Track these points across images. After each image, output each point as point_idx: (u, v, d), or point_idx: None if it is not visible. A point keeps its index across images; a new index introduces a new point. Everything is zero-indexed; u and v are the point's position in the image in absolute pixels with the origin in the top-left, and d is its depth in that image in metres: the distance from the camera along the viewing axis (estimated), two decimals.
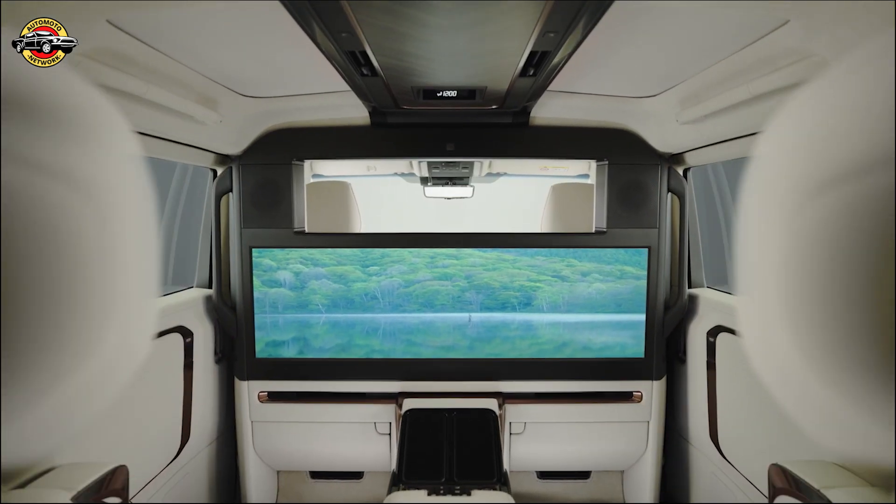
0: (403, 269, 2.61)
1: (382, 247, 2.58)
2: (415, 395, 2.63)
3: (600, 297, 2.58)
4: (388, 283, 2.62)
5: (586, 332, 2.60)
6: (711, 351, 2.39)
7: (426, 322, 2.63)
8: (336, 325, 2.65)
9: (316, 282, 2.63)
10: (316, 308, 2.64)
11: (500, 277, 2.60)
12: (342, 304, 2.64)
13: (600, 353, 2.60)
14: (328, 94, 2.40)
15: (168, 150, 2.14)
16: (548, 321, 2.61)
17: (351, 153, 2.60)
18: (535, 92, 2.03)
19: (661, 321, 2.57)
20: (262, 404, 2.65)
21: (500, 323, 2.62)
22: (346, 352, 2.66)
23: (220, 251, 2.64)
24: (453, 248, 2.60)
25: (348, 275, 2.62)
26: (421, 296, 2.62)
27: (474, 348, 2.63)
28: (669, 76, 2.02)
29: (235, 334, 2.63)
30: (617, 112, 2.46)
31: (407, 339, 2.64)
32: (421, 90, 1.97)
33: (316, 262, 2.62)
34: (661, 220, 2.52)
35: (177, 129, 2.05)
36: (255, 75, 2.08)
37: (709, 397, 2.42)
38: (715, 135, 2.10)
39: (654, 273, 2.53)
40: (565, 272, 2.58)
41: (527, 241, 2.58)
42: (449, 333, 2.63)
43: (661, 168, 2.51)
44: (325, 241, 2.60)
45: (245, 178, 2.54)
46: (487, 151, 2.59)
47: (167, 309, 2.34)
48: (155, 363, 2.24)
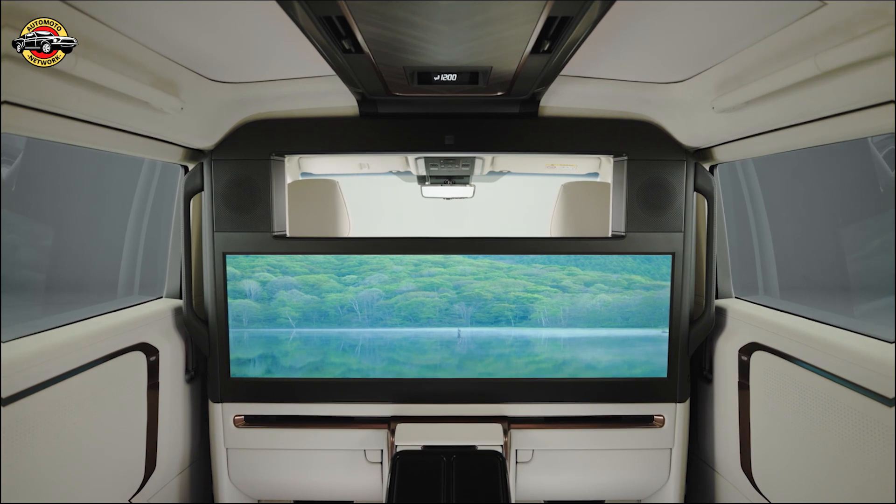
0: (384, 279, 2.32)
1: (374, 253, 2.30)
2: (409, 420, 2.35)
3: (605, 310, 2.30)
4: (366, 294, 2.32)
5: (590, 350, 2.32)
6: (744, 371, 2.13)
7: (410, 338, 2.34)
8: (308, 342, 2.35)
9: (285, 292, 2.32)
10: (285, 322, 2.33)
11: (493, 287, 2.31)
12: (315, 318, 2.34)
13: (611, 372, 2.32)
14: (310, 80, 2.12)
15: (121, 142, 1.85)
16: (547, 337, 2.32)
17: (337, 147, 2.32)
18: (547, 75, 1.77)
19: (685, 337, 2.30)
20: (239, 429, 2.39)
21: (493, 339, 2.33)
22: (319, 371, 2.36)
23: (190, 258, 2.36)
24: (442, 255, 2.31)
25: (322, 284, 2.32)
26: (404, 308, 2.33)
27: (464, 367, 2.34)
28: (705, 56, 1.74)
29: (208, 351, 2.34)
30: (638, 100, 2.19)
31: (388, 356, 2.35)
32: (415, 73, 1.73)
33: (285, 269, 2.31)
34: (686, 222, 2.26)
35: (130, 118, 1.76)
36: (224, 56, 1.81)
37: (740, 422, 2.16)
38: (757, 125, 1.82)
39: (679, 283, 2.27)
40: (566, 282, 2.30)
41: (535, 247, 2.29)
42: (436, 351, 2.34)
43: (686, 164, 2.25)
44: (308, 246, 2.30)
45: (217, 176, 2.26)
46: (491, 145, 2.30)
47: (126, 324, 2.06)
48: (110, 386, 1.97)
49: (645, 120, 2.26)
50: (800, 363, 1.84)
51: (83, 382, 1.82)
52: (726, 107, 1.80)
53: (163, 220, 4.16)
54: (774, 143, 1.83)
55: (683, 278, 2.26)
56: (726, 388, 2.25)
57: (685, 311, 2.29)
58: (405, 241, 2.30)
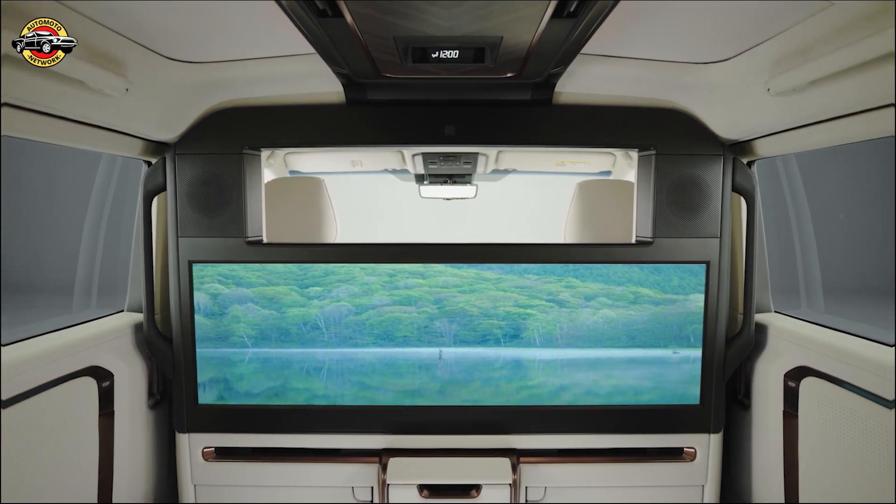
0: (354, 291, 2.01)
1: (365, 262, 2.01)
2: (403, 453, 2.08)
3: (608, 328, 2.01)
4: (333, 309, 2.01)
5: (590, 373, 2.03)
6: (792, 398, 1.87)
7: (384, 360, 2.03)
8: (267, 364, 2.03)
9: (239, 306, 2.00)
10: (240, 341, 2.02)
11: (480, 302, 2.01)
12: (274, 336, 2.02)
13: (617, 399, 2.04)
14: (287, 59, 1.84)
15: (60, 131, 1.56)
16: (542, 359, 2.03)
17: (320, 140, 2.03)
18: (568, 51, 1.51)
19: (721, 358, 2.03)
20: (208, 463, 2.13)
21: (480, 361, 2.03)
22: (279, 397, 2.04)
23: (151, 266, 2.07)
24: (422, 265, 2.01)
25: (281, 298, 2.00)
26: (377, 325, 2.02)
27: (447, 393, 2.04)
28: (758, 28, 1.45)
29: (172, 374, 2.06)
30: (669, 85, 1.91)
31: (359, 381, 2.04)
32: (409, 48, 1.48)
33: (239, 280, 1.99)
34: (723, 226, 1.99)
35: (64, 101, 1.47)
36: (179, 28, 1.52)
37: (785, 456, 1.90)
38: (820, 110, 1.53)
39: (715, 296, 2.00)
40: (564, 295, 2.00)
41: (549, 255, 2.01)
42: (414, 374, 2.03)
43: (724, 160, 1.98)
44: (288, 253, 2.01)
45: (182, 172, 1.98)
46: (498, 137, 2.02)
47: (72, 346, 1.79)
48: (52, 417, 1.70)
49: (676, 108, 1.99)
50: (863, 394, 1.57)
51: (18, 414, 1.57)
52: (786, 87, 1.50)
53: (125, 222, 3.83)
54: (844, 131, 1.54)
55: (720, 291, 1.99)
56: (768, 416, 1.98)
57: (721, 329, 2.02)
58: (402, 247, 2.01)
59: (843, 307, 4.43)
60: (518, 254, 2.01)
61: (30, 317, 5.27)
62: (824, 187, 4.51)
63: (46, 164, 4.40)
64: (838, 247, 4.59)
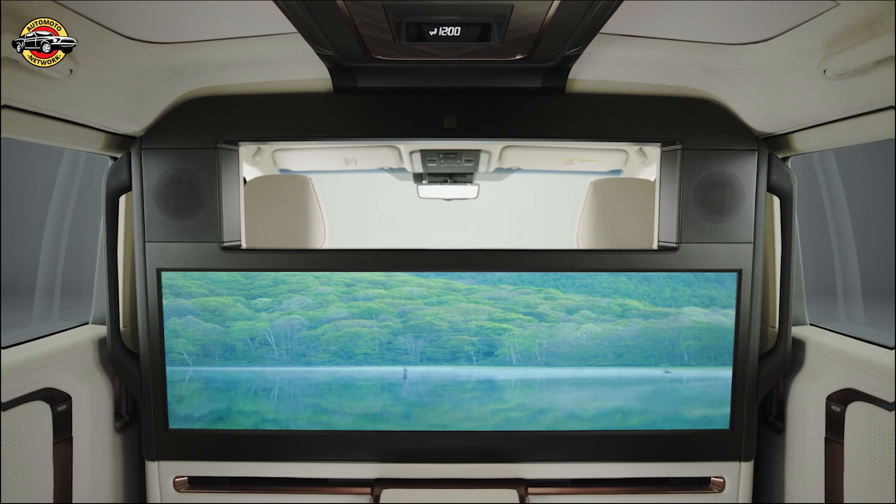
0: (307, 303, 1.78)
1: (359, 270, 1.80)
2: (398, 484, 1.87)
3: (593, 345, 1.79)
4: (284, 323, 1.79)
5: (573, 393, 1.81)
6: (836, 423, 1.67)
7: (342, 379, 1.81)
8: (209, 384, 1.81)
9: (178, 319, 1.78)
10: (178, 358, 1.80)
11: (449, 315, 1.79)
12: (217, 353, 1.80)
13: (602, 423, 1.83)
14: (264, 40, 1.62)
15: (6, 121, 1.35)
16: (519, 378, 1.81)
17: (305, 132, 1.82)
18: (587, 28, 1.32)
19: (754, 377, 1.82)
20: (181, 493, 1.95)
21: (450, 381, 1.81)
22: (224, 421, 1.82)
23: (116, 274, 1.85)
24: (384, 274, 1.79)
25: (225, 310, 1.78)
26: (333, 341, 1.80)
27: (412, 416, 1.82)
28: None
29: (139, 395, 1.85)
30: (697, 70, 1.70)
31: (313, 403, 1.82)
32: (402, 22, 1.29)
33: (177, 290, 1.77)
34: (756, 231, 1.79)
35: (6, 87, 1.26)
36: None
37: (827, 487, 1.70)
38: (886, 95, 1.31)
39: (748, 308, 1.79)
40: (543, 308, 1.79)
41: (560, 262, 1.80)
42: (374, 396, 1.81)
43: (758, 156, 1.77)
44: (270, 260, 1.80)
45: (149, 169, 1.77)
46: (504, 130, 1.80)
47: (22, 366, 1.58)
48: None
49: (704, 97, 1.78)
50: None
51: None
52: (847, 69, 1.28)
53: (91, 221, 3.59)
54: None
55: (752, 302, 1.79)
56: (806, 442, 1.78)
57: (754, 345, 1.81)
58: (397, 253, 1.80)
59: (881, 316, 4.15)
60: (527, 261, 1.80)
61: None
62: (863, 185, 4.20)
63: (6, 158, 4.14)
64: (880, 252, 4.31)
